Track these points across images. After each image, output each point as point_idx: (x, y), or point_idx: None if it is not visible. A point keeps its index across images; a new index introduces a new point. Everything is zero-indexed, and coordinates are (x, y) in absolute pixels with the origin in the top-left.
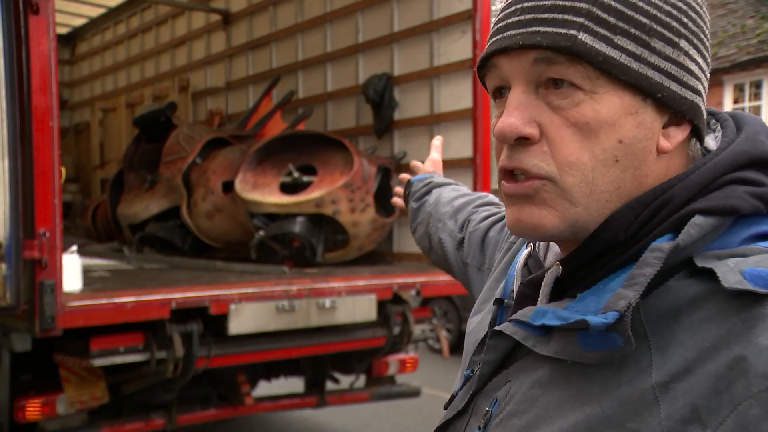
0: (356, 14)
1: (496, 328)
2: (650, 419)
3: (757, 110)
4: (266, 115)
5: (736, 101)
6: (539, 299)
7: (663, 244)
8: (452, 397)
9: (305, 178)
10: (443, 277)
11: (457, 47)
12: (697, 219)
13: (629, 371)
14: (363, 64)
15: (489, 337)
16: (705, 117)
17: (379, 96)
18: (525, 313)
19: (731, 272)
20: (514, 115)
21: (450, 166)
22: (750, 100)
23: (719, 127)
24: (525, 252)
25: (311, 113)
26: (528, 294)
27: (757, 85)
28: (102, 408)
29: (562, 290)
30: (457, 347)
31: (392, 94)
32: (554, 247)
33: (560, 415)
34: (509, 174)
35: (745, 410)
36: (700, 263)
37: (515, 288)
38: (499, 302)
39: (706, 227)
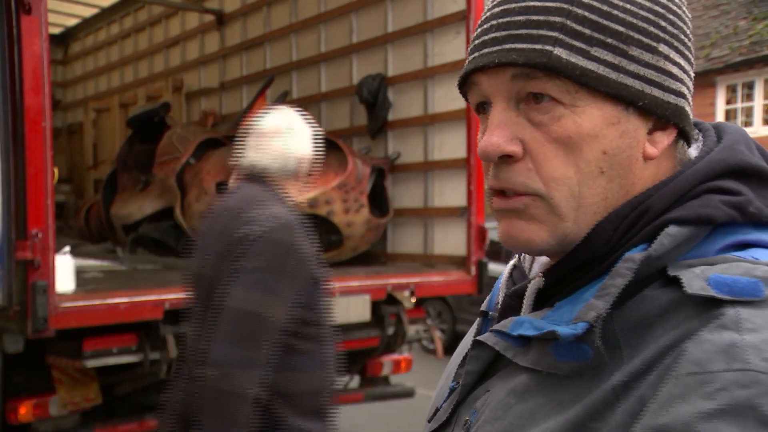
0: (350, 15)
1: (477, 338)
2: (610, 417)
3: (749, 111)
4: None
5: (728, 102)
6: (522, 310)
7: (635, 255)
8: (436, 410)
9: None
10: (437, 278)
11: (452, 48)
12: (671, 229)
13: (601, 380)
14: (357, 64)
15: (471, 348)
16: (691, 118)
17: (373, 96)
18: (505, 324)
19: (696, 278)
20: (495, 133)
21: (444, 166)
22: (742, 101)
23: (701, 137)
24: (511, 263)
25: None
26: (512, 305)
27: (750, 86)
28: (95, 409)
29: (544, 301)
30: (451, 348)
31: (386, 94)
32: (541, 258)
33: (533, 423)
34: (498, 191)
35: (668, 389)
36: (672, 272)
37: (500, 300)
38: (483, 314)
39: (680, 237)
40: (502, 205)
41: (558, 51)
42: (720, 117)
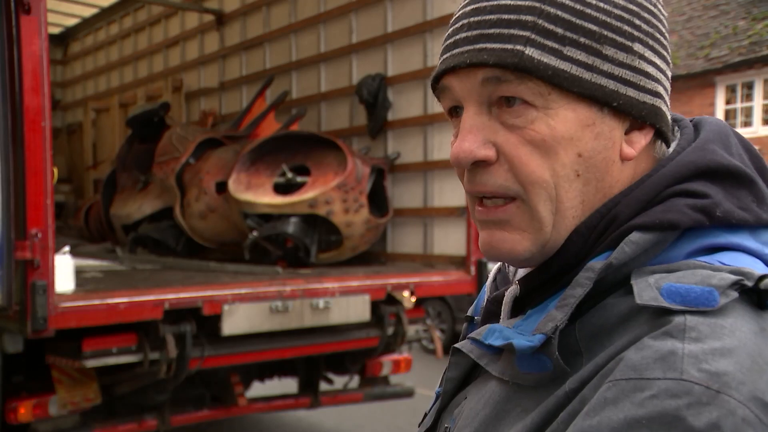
0: (350, 15)
1: (455, 345)
2: (557, 417)
3: (748, 111)
4: (260, 116)
5: (728, 102)
6: (501, 316)
7: (595, 264)
8: (425, 416)
9: (299, 179)
10: (437, 278)
11: None
12: (634, 236)
13: (560, 387)
14: (357, 64)
15: (450, 354)
16: (669, 118)
17: (373, 96)
18: (480, 332)
19: (648, 288)
20: (467, 139)
21: (444, 166)
22: (742, 101)
23: (679, 135)
24: (495, 268)
25: (305, 114)
26: (492, 311)
27: (749, 86)
28: (95, 409)
29: (523, 307)
30: (450, 348)
31: (386, 94)
32: None
33: (498, 429)
34: (479, 199)
35: (602, 392)
36: (633, 279)
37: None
38: (469, 319)
39: (643, 244)
40: (485, 216)
41: (530, 51)
42: (719, 117)
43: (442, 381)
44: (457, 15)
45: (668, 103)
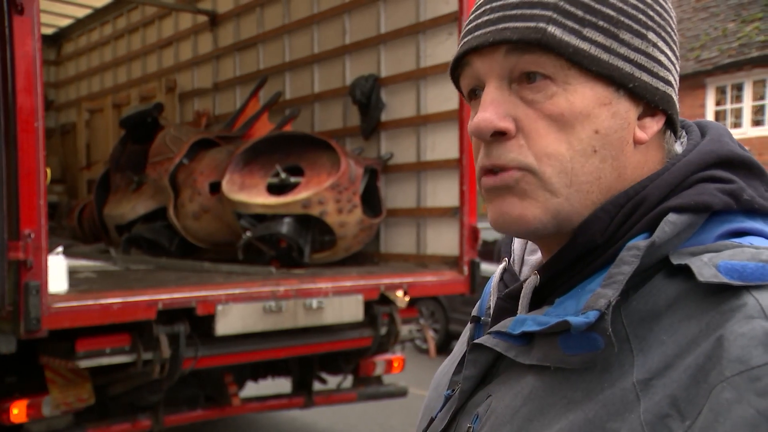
0: (343, 16)
1: (476, 341)
2: (631, 417)
3: (738, 112)
4: (253, 116)
5: (718, 103)
6: (519, 311)
7: (639, 243)
8: (431, 420)
9: (292, 179)
10: (430, 278)
11: (444, 49)
12: (671, 216)
13: (612, 375)
14: (350, 65)
15: (468, 352)
16: (678, 108)
17: (366, 97)
18: (504, 324)
19: (706, 266)
20: (488, 110)
21: (437, 167)
22: (731, 103)
23: (684, 133)
24: (500, 267)
25: (298, 114)
26: (506, 308)
27: (739, 88)
28: (88, 409)
29: (541, 300)
30: (443, 347)
31: (379, 95)
32: (530, 261)
33: (544, 424)
34: (488, 170)
35: (717, 395)
36: (676, 261)
37: (492, 304)
38: (475, 320)
39: (680, 225)
40: (491, 183)
41: (551, 29)
42: (710, 118)
43: (452, 383)
44: (478, 3)
45: (677, 94)
